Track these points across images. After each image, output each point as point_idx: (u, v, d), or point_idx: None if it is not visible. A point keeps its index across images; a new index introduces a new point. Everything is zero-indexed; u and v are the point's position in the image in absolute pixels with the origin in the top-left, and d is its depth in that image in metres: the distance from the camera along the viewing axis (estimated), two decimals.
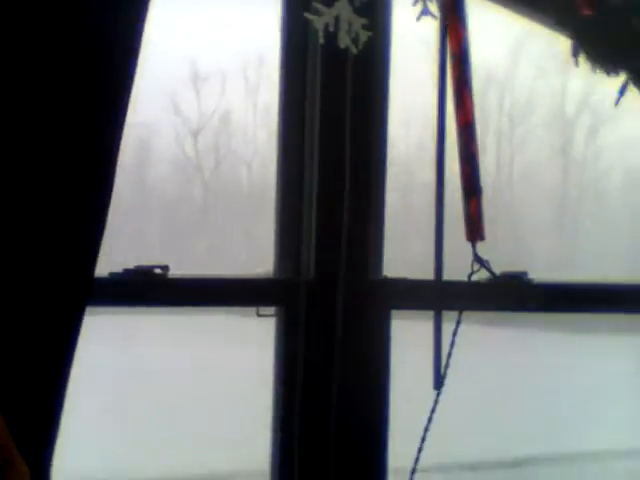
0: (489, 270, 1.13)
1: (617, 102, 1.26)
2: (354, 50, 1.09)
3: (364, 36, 1.10)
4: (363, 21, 1.10)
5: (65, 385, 1.28)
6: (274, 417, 1.32)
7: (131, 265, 1.30)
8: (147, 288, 1.27)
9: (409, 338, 1.30)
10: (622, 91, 1.26)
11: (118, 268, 1.29)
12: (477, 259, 1.10)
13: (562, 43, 1.34)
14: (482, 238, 1.10)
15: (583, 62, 1.27)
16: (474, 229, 1.09)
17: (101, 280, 1.21)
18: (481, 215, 1.09)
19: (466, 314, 1.27)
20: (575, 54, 1.24)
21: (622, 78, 1.27)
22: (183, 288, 1.30)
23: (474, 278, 1.14)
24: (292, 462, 1.27)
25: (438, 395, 1.13)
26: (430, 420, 1.15)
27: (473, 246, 1.11)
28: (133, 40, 1.17)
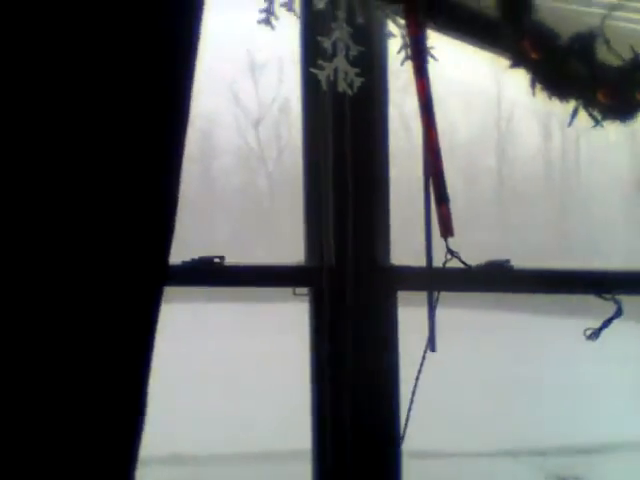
0: (460, 260, 1.56)
1: (569, 124, 1.69)
2: (350, 92, 1.57)
3: (357, 82, 1.58)
4: (356, 70, 1.57)
5: (149, 367, 1.66)
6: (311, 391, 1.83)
7: (201, 252, 1.81)
8: (209, 274, 1.78)
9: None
10: (573, 115, 1.69)
11: (188, 256, 1.80)
12: (449, 251, 1.55)
13: None
14: (452, 235, 1.56)
15: (539, 92, 1.71)
16: (446, 228, 1.54)
17: (175, 267, 1.72)
18: (450, 217, 1.55)
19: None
20: (533, 86, 1.68)
21: (572, 104, 1.70)
22: (236, 273, 1.81)
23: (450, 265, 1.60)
24: (324, 438, 1.78)
25: (425, 354, 1.61)
26: (418, 377, 1.62)
27: (446, 241, 1.57)
28: (192, 34, 1.56)
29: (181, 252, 1.79)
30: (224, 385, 6.48)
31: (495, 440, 5.57)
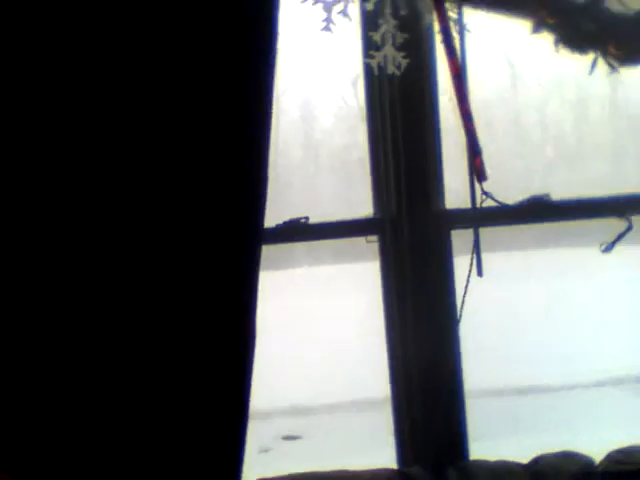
0: (493, 199, 2.00)
1: (590, 73, 2.05)
2: (397, 73, 2.01)
3: (404, 63, 2.01)
4: (403, 54, 2.00)
5: (254, 327, 1.73)
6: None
7: (307, 211, 2.25)
8: (297, 232, 2.27)
9: None
10: (593, 65, 2.05)
11: (298, 214, 2.24)
12: (484, 193, 1.98)
13: None
14: (485, 179, 1.98)
15: (562, 48, 2.08)
16: (480, 175, 1.97)
17: (270, 229, 2.22)
18: (483, 166, 1.96)
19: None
20: (556, 44, 2.05)
21: (592, 56, 2.06)
22: (318, 229, 2.29)
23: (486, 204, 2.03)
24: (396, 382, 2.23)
25: (468, 276, 2.05)
26: (465, 295, 2.07)
27: (480, 185, 1.99)
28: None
29: (290, 211, 2.28)
30: (324, 338, 7.07)
31: (594, 371, 5.84)
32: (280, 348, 5.96)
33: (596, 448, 2.10)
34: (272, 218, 2.04)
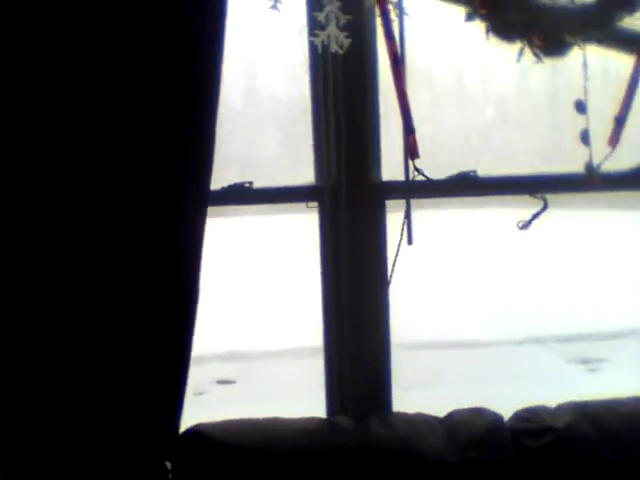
0: (424, 175, 2.16)
1: (517, 61, 2.21)
2: (340, 51, 2.14)
3: (346, 43, 2.14)
4: (345, 34, 2.13)
5: (199, 275, 1.98)
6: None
7: (251, 162, 2.38)
8: (241, 195, 2.41)
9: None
10: (520, 54, 2.21)
11: (239, 167, 2.38)
12: (416, 169, 2.15)
13: None
14: (418, 157, 2.14)
15: (493, 38, 2.23)
16: (413, 152, 2.13)
17: (215, 191, 2.34)
18: (416, 144, 2.13)
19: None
20: (487, 33, 2.20)
21: (519, 45, 2.22)
22: (261, 194, 2.43)
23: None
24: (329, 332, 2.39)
25: (399, 245, 2.23)
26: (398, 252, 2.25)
27: (413, 162, 2.15)
28: None
29: (235, 163, 2.35)
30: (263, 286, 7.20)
31: (518, 329, 6.16)
32: (219, 295, 6.09)
33: (511, 402, 2.29)
34: (216, 171, 2.14)
